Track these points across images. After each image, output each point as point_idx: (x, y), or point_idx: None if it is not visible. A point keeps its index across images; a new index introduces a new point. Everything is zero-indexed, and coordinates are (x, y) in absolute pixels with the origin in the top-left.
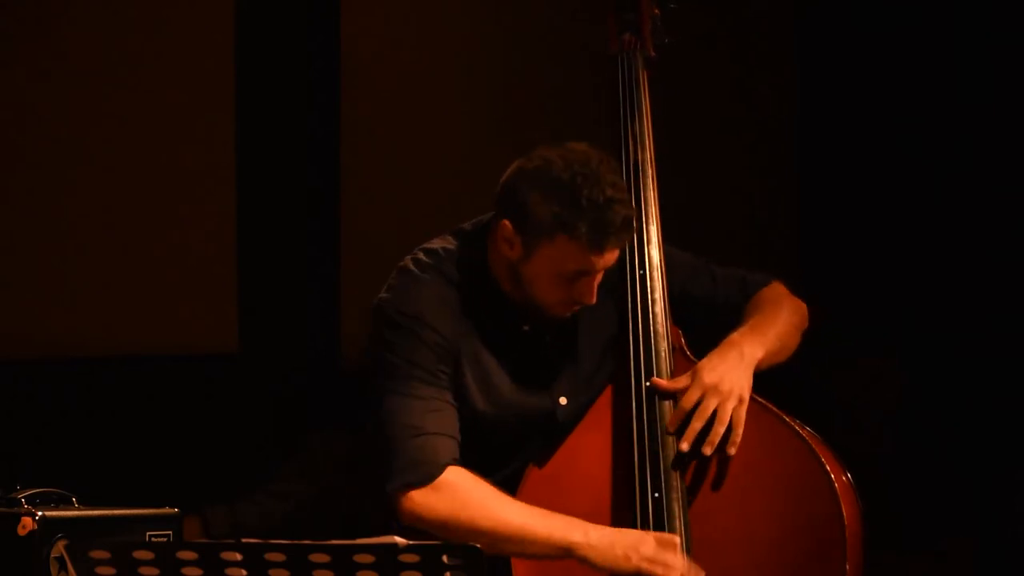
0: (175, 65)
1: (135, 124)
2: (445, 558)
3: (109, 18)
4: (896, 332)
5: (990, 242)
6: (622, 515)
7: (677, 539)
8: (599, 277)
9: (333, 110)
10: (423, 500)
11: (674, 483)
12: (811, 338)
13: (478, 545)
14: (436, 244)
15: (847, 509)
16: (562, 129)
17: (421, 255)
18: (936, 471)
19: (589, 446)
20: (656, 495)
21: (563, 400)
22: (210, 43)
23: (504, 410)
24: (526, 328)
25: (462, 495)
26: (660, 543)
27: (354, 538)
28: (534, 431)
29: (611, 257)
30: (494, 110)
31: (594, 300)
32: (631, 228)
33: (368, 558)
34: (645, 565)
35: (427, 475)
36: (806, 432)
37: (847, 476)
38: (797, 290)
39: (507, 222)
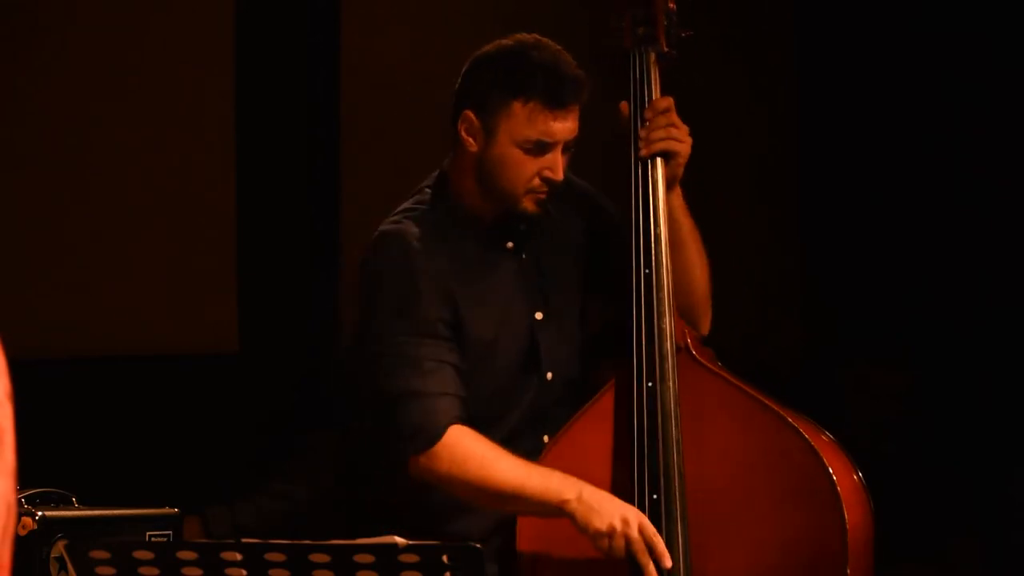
0: (175, 65)
1: (135, 124)
2: (445, 558)
3: (109, 18)
4: (898, 333)
5: (991, 242)
6: None
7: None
8: (561, 150)
9: (333, 110)
10: (425, 463)
11: (673, 485)
12: (814, 339)
13: (478, 502)
14: (406, 203)
15: (850, 514)
16: None
17: (394, 216)
18: (940, 473)
19: (591, 445)
20: (655, 496)
21: (539, 315)
22: (210, 43)
23: (498, 329)
24: (510, 245)
25: (461, 454)
26: (643, 529)
27: (354, 538)
28: (522, 355)
29: (569, 125)
30: None
31: (561, 176)
32: (583, 88)
33: (368, 558)
34: (601, 536)
35: (428, 440)
36: (812, 433)
37: (857, 476)
38: (798, 291)
39: (468, 111)
